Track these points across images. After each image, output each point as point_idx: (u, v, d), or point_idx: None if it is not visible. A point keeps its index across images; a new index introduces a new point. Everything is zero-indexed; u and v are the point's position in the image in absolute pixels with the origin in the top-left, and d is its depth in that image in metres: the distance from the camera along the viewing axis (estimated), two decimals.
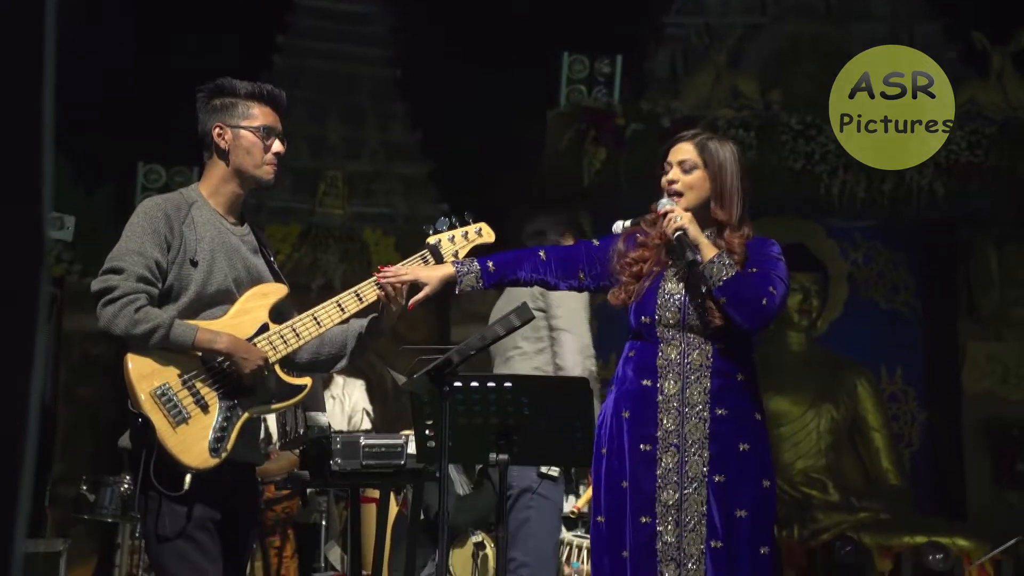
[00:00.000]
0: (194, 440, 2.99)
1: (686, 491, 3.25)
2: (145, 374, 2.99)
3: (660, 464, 3.26)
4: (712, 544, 3.23)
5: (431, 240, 3.37)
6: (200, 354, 3.05)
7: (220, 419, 3.03)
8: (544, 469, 4.24)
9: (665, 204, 3.33)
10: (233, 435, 3.04)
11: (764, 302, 3.22)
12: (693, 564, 3.22)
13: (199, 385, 3.03)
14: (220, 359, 3.06)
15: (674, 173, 3.36)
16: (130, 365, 2.98)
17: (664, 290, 3.34)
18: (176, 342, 3.00)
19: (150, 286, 3.04)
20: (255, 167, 3.21)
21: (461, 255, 3.37)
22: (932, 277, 9.90)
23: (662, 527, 3.24)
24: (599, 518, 3.35)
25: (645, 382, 3.31)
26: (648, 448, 3.28)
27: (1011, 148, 8.72)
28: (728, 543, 3.23)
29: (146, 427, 2.95)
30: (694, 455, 3.26)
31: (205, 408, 3.03)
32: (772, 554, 3.26)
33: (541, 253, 3.45)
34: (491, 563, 4.97)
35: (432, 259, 3.34)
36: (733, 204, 3.35)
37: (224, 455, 3.01)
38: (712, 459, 3.26)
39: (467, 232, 3.43)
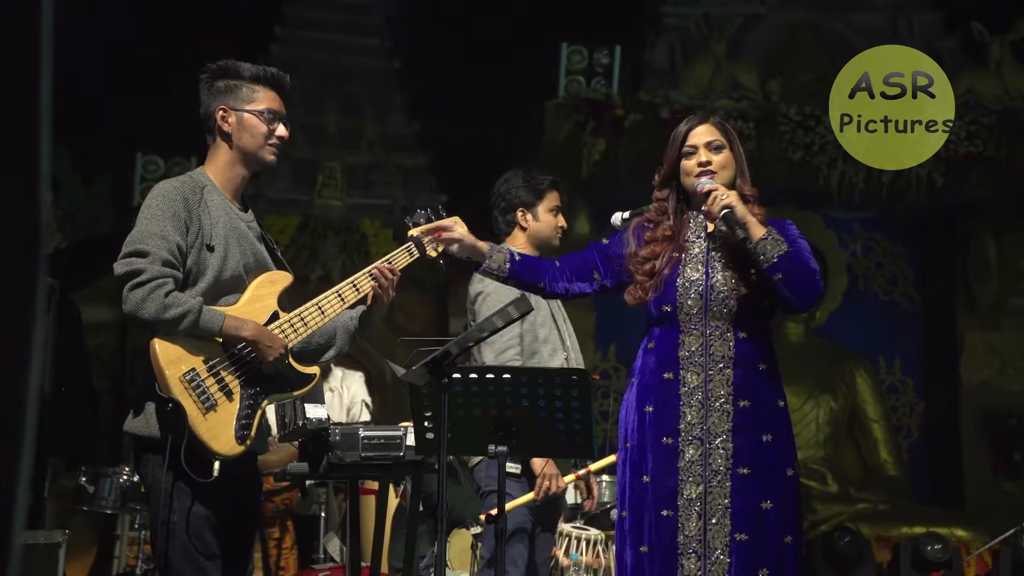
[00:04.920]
0: (222, 427, 2.98)
1: (710, 484, 3.24)
2: (173, 359, 2.96)
3: (683, 457, 3.25)
4: (736, 536, 3.21)
5: (413, 233, 3.39)
6: (221, 341, 3.04)
7: (244, 406, 3.04)
8: (507, 468, 4.25)
9: (706, 183, 3.30)
10: (255, 423, 3.05)
11: (816, 277, 3.23)
12: (717, 556, 3.21)
13: (223, 372, 3.02)
14: (242, 346, 3.05)
15: (704, 154, 3.33)
16: (158, 348, 2.96)
17: (683, 278, 3.33)
18: (204, 328, 2.98)
19: (175, 270, 3.01)
20: (258, 148, 3.20)
21: (440, 247, 3.41)
22: (930, 268, 9.90)
23: (684, 520, 3.23)
24: (623, 512, 3.34)
25: (667, 375, 3.30)
26: (670, 441, 3.27)
27: (1010, 138, 8.72)
28: (754, 535, 3.22)
29: (176, 412, 2.93)
30: (718, 448, 3.24)
31: (229, 395, 3.02)
32: (796, 542, 3.25)
33: (556, 262, 3.47)
34: None
35: (416, 251, 3.37)
36: (748, 180, 3.37)
37: (249, 442, 3.02)
38: (736, 452, 3.24)
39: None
